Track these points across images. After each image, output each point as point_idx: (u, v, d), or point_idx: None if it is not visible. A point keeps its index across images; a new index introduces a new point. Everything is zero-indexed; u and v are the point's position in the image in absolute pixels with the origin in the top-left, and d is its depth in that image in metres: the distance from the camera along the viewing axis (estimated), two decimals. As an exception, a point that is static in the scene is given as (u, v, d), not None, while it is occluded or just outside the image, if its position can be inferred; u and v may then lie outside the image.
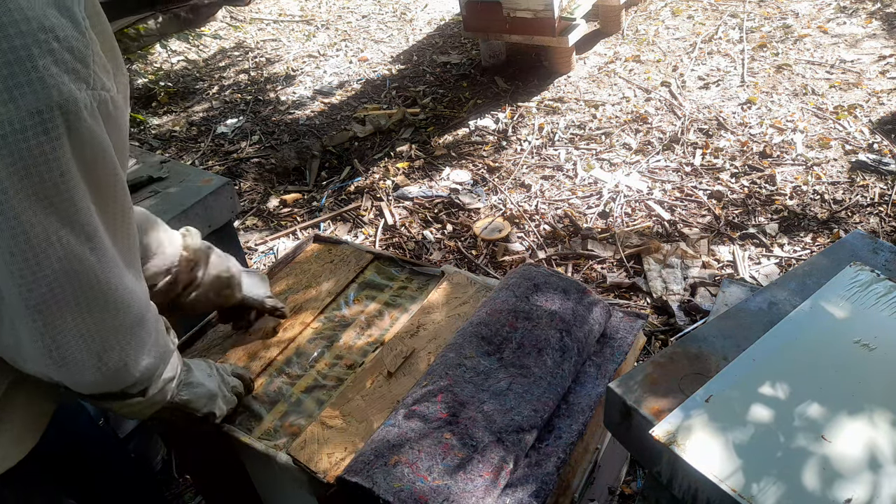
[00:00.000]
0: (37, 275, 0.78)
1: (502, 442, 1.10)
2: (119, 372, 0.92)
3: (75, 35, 0.76)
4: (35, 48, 0.71)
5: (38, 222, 0.76)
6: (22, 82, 0.71)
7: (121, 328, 0.90)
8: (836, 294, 1.12)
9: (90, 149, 0.79)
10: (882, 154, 3.05)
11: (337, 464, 1.13)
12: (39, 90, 0.72)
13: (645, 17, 4.77)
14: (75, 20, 0.76)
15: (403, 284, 1.58)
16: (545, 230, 2.89)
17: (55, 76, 0.73)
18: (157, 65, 5.08)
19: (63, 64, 0.74)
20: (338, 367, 1.38)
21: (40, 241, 0.77)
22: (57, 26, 0.74)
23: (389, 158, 3.59)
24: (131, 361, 0.93)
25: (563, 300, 1.35)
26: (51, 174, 0.75)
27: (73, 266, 0.80)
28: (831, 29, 4.21)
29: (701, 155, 3.23)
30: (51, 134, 0.73)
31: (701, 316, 2.35)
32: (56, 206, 0.77)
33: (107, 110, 0.82)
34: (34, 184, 0.74)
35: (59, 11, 0.75)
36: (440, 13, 5.45)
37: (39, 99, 0.72)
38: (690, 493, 0.90)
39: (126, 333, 0.91)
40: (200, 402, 1.16)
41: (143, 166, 2.00)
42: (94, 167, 0.81)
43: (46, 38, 0.72)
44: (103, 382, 0.92)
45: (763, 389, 0.97)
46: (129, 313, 0.90)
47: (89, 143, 0.78)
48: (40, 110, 0.72)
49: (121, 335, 0.90)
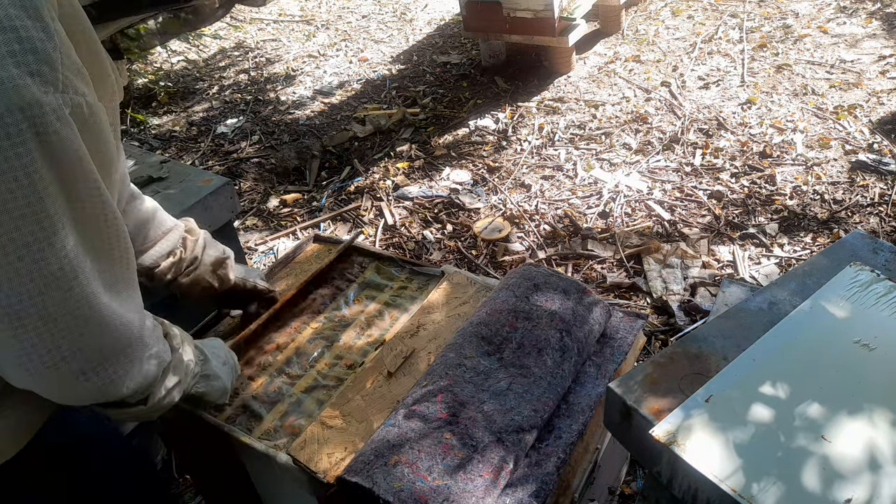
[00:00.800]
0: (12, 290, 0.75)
1: (502, 442, 1.10)
2: (106, 387, 0.89)
3: (41, 37, 0.72)
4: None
5: (6, 234, 0.72)
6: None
7: (104, 347, 0.87)
8: (836, 294, 1.12)
9: (63, 155, 0.75)
10: (882, 154, 3.05)
11: (337, 464, 1.13)
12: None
13: (645, 17, 4.77)
14: (42, 21, 0.72)
15: (403, 284, 1.58)
16: (545, 230, 2.89)
17: (15, 77, 0.69)
18: (157, 65, 5.08)
19: (25, 66, 0.70)
20: (338, 367, 1.38)
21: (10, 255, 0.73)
22: (20, 27, 0.70)
23: (389, 158, 3.59)
24: (119, 378, 0.90)
25: (563, 300, 1.35)
26: (18, 182, 0.71)
27: (48, 282, 0.77)
28: (831, 29, 4.21)
29: (701, 155, 3.23)
30: (14, 139, 0.69)
31: (701, 316, 2.35)
32: (26, 217, 0.73)
33: (82, 116, 0.78)
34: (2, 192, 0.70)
35: (24, 12, 0.71)
36: (440, 13, 5.45)
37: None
38: (690, 493, 0.90)
39: (110, 351, 0.88)
40: (215, 396, 1.17)
41: (143, 166, 2.00)
42: (69, 176, 0.77)
43: (6, 38, 0.69)
44: (88, 396, 0.90)
45: (763, 389, 0.97)
46: (113, 332, 0.87)
47: (60, 149, 0.74)
48: (0, 114, 0.68)
49: (105, 353, 0.87)
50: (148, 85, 4.64)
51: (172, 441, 1.74)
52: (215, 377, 1.16)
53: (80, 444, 1.27)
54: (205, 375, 1.15)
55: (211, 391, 1.16)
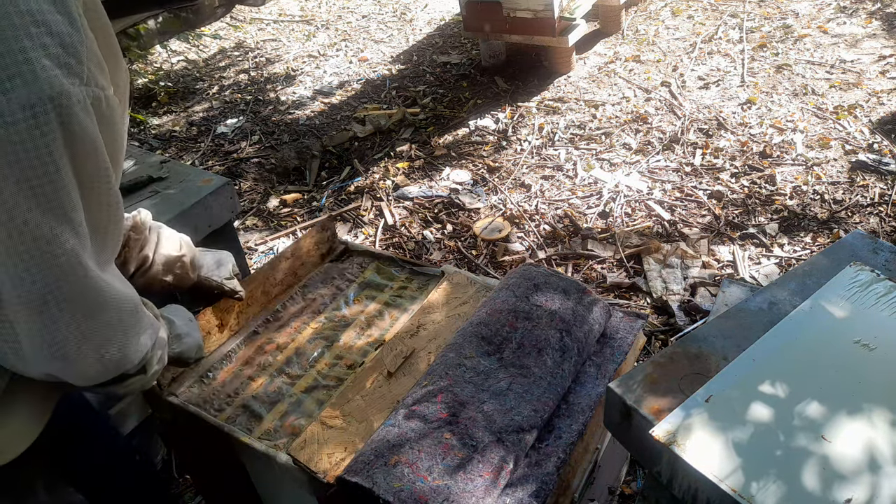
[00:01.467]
0: (33, 273, 0.77)
1: (502, 442, 1.10)
2: (119, 362, 0.95)
3: (69, 31, 0.75)
4: (27, 41, 0.71)
5: (33, 220, 0.75)
6: (13, 74, 0.70)
7: (117, 323, 0.91)
8: (836, 294, 1.12)
9: (81, 145, 0.78)
10: (882, 154, 3.05)
11: (337, 464, 1.13)
12: (31, 83, 0.71)
13: (645, 17, 4.77)
14: (70, 16, 0.76)
15: (403, 284, 1.58)
16: (545, 230, 2.89)
17: (47, 69, 0.72)
18: (157, 65, 5.08)
19: (55, 58, 0.73)
20: (338, 367, 1.38)
21: (38, 239, 0.76)
22: (51, 21, 0.73)
23: (389, 158, 3.59)
24: (129, 351, 0.96)
25: (563, 300, 1.35)
26: (45, 169, 0.74)
27: (71, 263, 0.80)
28: (831, 29, 4.21)
29: (701, 155, 3.23)
30: (43, 128, 0.72)
31: (701, 316, 2.35)
32: (52, 203, 0.76)
33: (100, 108, 0.81)
34: (28, 178, 0.73)
35: (53, 6, 0.74)
36: (440, 13, 5.45)
37: (31, 92, 0.71)
38: (690, 493, 0.90)
39: (120, 327, 0.92)
40: (192, 352, 1.24)
41: (143, 166, 2.00)
42: (85, 164, 0.80)
43: (39, 31, 0.72)
44: (104, 373, 0.94)
45: (763, 389, 0.97)
46: (122, 307, 0.92)
47: (80, 138, 0.77)
48: (32, 103, 0.71)
49: (118, 329, 0.92)
50: (148, 85, 4.64)
51: (172, 441, 1.74)
52: (186, 335, 1.22)
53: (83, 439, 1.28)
54: (176, 336, 1.20)
55: (186, 349, 1.22)
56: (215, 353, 1.43)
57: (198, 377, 1.38)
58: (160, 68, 5.02)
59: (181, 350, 1.21)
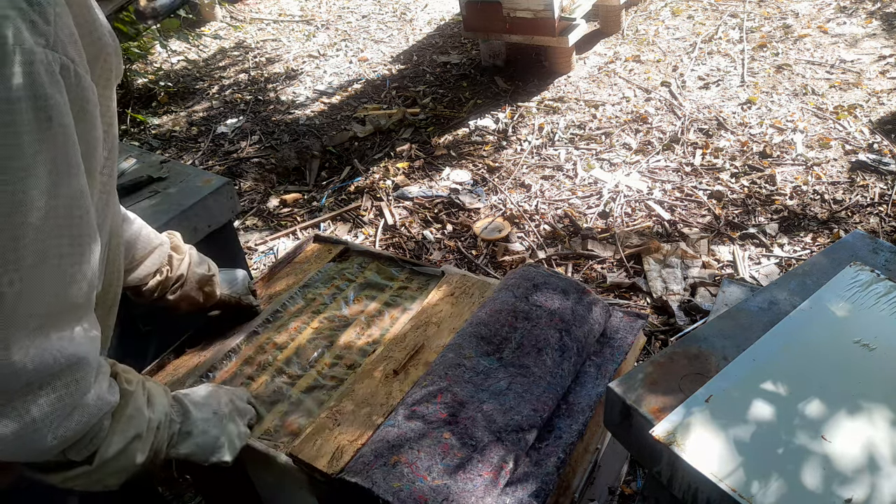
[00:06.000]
0: None
1: (502, 441, 1.10)
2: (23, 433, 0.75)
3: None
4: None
5: None
6: None
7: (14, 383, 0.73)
8: (836, 294, 1.12)
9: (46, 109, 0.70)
10: (882, 154, 3.05)
11: (337, 464, 1.13)
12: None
13: (645, 17, 4.77)
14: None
15: (403, 284, 1.58)
16: (545, 230, 2.89)
17: (12, 19, 0.67)
18: (157, 65, 5.08)
19: (19, 10, 0.68)
20: (338, 367, 1.38)
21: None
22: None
23: (389, 158, 3.59)
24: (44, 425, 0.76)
25: (563, 300, 1.35)
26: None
27: None
28: (831, 29, 4.21)
29: (701, 155, 3.23)
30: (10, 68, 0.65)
31: (701, 316, 2.35)
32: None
33: (69, 79, 0.73)
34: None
35: None
36: (440, 13, 5.45)
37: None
38: (690, 493, 0.90)
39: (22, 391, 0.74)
40: (204, 454, 1.03)
41: (143, 166, 2.00)
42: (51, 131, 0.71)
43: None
44: (4, 450, 0.75)
45: (763, 389, 0.97)
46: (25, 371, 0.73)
47: (43, 99, 0.69)
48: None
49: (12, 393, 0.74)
50: (148, 85, 4.64)
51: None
52: (199, 433, 1.02)
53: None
54: (185, 433, 1.01)
55: (197, 451, 1.02)
56: (216, 353, 1.43)
57: (198, 377, 1.38)
58: (160, 68, 5.02)
59: (189, 452, 1.01)
